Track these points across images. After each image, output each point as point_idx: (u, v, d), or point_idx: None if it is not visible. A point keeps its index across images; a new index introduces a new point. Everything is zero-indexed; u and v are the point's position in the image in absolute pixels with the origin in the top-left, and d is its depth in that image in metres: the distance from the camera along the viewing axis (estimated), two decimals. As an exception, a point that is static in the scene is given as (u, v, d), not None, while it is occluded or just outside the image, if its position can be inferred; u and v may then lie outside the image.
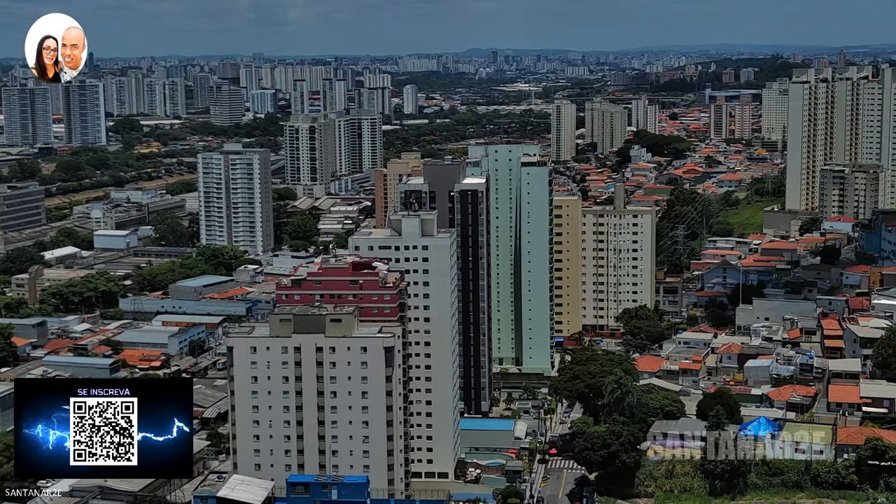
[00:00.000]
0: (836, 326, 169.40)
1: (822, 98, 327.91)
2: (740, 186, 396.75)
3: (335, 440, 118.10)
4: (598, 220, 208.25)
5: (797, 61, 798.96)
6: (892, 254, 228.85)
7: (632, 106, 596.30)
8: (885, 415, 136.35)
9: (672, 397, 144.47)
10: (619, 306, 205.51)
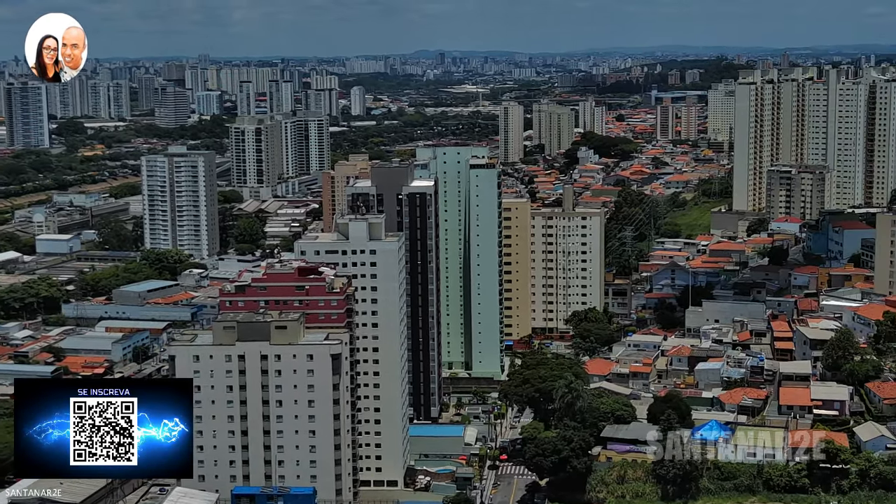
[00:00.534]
0: (786, 328, 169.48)
1: (769, 99, 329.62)
2: (687, 187, 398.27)
3: (281, 450, 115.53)
4: (547, 222, 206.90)
5: (742, 63, 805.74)
6: (840, 254, 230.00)
7: (579, 107, 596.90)
8: (835, 417, 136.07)
9: (623, 401, 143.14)
10: (568, 309, 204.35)
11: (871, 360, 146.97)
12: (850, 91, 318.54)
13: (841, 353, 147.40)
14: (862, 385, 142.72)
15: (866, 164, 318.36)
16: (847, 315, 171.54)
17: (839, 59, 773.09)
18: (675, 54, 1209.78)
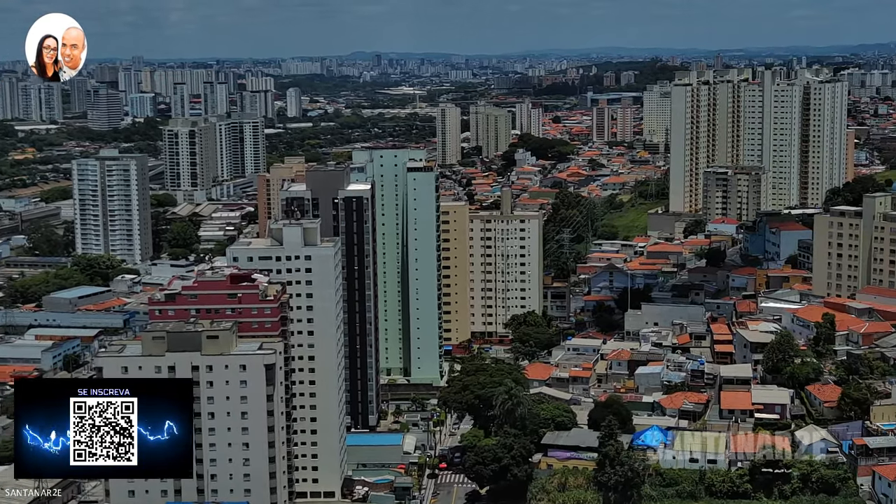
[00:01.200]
0: (725, 331, 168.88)
1: (704, 100, 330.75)
2: (624, 189, 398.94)
3: (214, 464, 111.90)
4: (486, 225, 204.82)
5: (676, 64, 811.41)
6: (777, 255, 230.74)
7: (515, 109, 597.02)
8: (776, 420, 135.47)
9: (563, 407, 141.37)
10: (507, 313, 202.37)
11: (811, 362, 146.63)
12: (784, 92, 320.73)
13: (781, 356, 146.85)
14: (802, 388, 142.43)
15: (801, 165, 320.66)
16: (786, 317, 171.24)
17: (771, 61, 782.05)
18: (609, 56, 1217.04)
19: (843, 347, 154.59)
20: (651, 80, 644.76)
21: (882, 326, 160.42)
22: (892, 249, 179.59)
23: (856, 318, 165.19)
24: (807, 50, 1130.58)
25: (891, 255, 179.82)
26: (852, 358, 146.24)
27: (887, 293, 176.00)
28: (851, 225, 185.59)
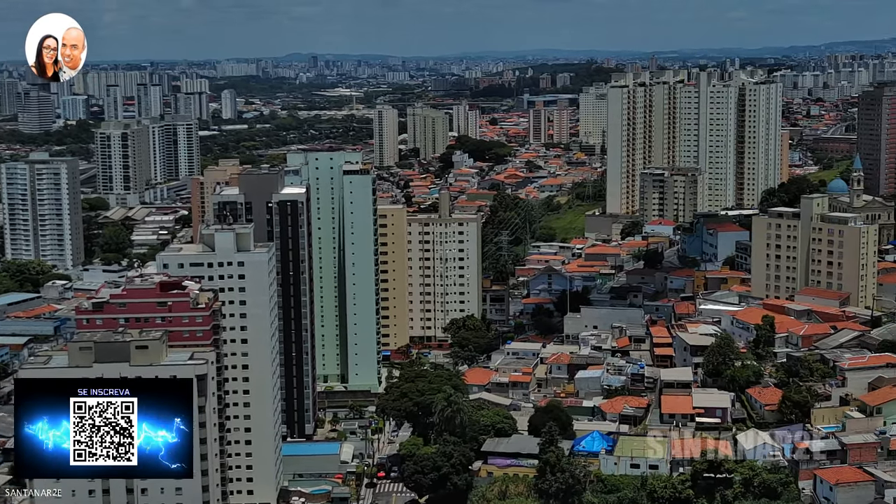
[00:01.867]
0: (665, 334, 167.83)
1: (641, 102, 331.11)
2: (561, 191, 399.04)
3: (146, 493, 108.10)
4: (424, 228, 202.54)
5: (611, 66, 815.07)
6: (714, 257, 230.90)
7: (453, 111, 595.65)
8: (718, 424, 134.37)
9: (503, 413, 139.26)
10: (446, 317, 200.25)
11: (751, 365, 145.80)
12: (720, 94, 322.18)
13: (721, 359, 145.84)
14: (743, 391, 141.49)
15: (737, 166, 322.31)
16: (725, 319, 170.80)
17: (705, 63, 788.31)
18: (545, 58, 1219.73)
19: (782, 350, 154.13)
20: (586, 81, 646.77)
21: (821, 328, 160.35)
22: (830, 251, 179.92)
23: (795, 320, 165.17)
24: (740, 51, 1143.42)
25: (828, 256, 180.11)
26: (792, 360, 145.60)
27: (825, 294, 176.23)
28: (789, 226, 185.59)
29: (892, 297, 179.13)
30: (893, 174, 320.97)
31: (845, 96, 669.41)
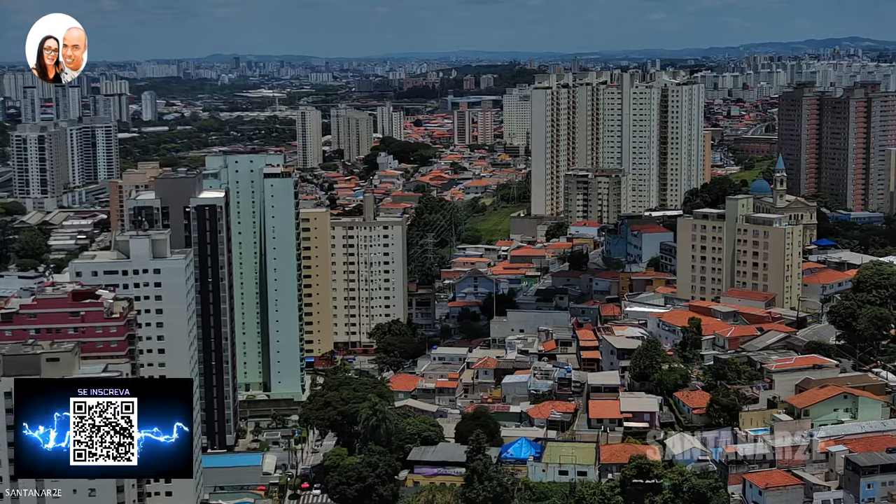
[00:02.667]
0: (591, 337, 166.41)
1: (564, 103, 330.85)
2: (486, 192, 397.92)
3: (57, 497, 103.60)
4: (348, 232, 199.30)
5: (534, 67, 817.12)
6: (639, 258, 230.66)
7: (377, 112, 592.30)
8: (646, 429, 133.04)
9: (429, 421, 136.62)
10: (371, 322, 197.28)
11: (678, 368, 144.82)
12: (643, 95, 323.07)
13: (648, 363, 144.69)
14: (671, 394, 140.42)
15: (660, 167, 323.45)
16: (652, 321, 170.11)
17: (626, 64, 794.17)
18: (469, 59, 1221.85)
19: (709, 352, 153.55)
20: (510, 83, 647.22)
21: (747, 330, 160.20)
22: (755, 252, 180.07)
23: (721, 322, 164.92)
24: (660, 53, 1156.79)
25: (753, 257, 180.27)
26: (719, 363, 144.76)
27: (751, 296, 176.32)
28: (714, 228, 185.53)
29: (816, 297, 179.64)
30: (814, 174, 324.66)
31: (764, 97, 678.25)
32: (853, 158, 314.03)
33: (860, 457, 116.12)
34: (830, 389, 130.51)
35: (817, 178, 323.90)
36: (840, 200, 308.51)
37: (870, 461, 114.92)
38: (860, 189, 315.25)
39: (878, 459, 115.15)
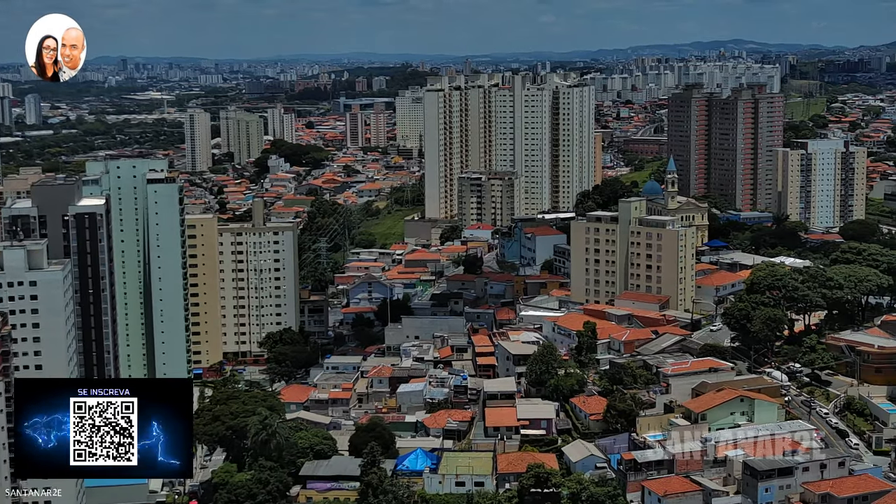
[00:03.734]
0: (487, 343, 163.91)
1: (456, 106, 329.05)
2: (380, 196, 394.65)
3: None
4: (237, 238, 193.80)
5: (426, 70, 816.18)
6: (533, 261, 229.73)
7: (268, 115, 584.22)
8: (543, 436, 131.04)
9: (323, 434, 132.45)
10: (262, 330, 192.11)
11: (574, 373, 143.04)
12: (534, 97, 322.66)
13: (544, 368, 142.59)
14: (567, 400, 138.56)
15: (552, 169, 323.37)
16: (547, 326, 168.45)
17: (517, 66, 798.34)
18: (361, 61, 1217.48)
19: (605, 356, 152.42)
20: (402, 85, 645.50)
21: (642, 333, 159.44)
22: (649, 254, 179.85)
23: (616, 325, 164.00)
24: (550, 55, 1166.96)
25: (647, 259, 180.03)
26: (615, 367, 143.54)
27: (645, 298, 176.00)
28: (608, 230, 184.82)
29: (710, 299, 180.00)
30: (704, 175, 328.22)
31: (653, 98, 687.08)
32: (741, 159, 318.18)
33: (757, 461, 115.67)
34: (727, 393, 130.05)
35: (707, 179, 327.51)
36: (729, 201, 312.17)
37: (767, 465, 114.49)
38: (749, 189, 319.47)
39: (775, 463, 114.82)
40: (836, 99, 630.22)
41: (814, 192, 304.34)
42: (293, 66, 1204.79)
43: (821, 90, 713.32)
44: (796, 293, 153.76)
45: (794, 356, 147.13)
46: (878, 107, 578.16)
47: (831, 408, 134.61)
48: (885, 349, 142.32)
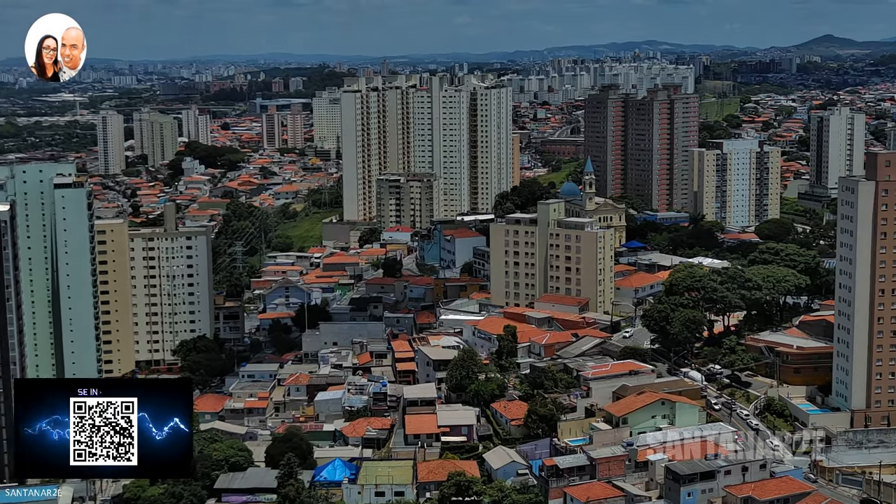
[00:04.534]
0: (407, 348, 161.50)
1: (374, 107, 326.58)
2: (297, 198, 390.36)
3: None
4: (149, 244, 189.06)
5: (343, 70, 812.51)
6: (452, 263, 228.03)
7: (182, 116, 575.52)
8: (464, 443, 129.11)
9: (238, 445, 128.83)
10: (175, 338, 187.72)
11: (495, 378, 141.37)
12: (452, 98, 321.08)
13: (465, 373, 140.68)
14: (488, 406, 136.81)
15: (471, 171, 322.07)
16: (467, 330, 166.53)
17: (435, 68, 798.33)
18: (278, 62, 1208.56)
19: (525, 360, 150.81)
20: (319, 86, 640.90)
21: (562, 336, 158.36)
22: (568, 256, 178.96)
23: (536, 329, 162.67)
24: (468, 56, 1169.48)
25: (566, 262, 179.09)
26: (536, 371, 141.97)
27: (565, 301, 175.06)
28: (527, 233, 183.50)
29: (629, 300, 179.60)
30: (620, 175, 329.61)
31: (569, 99, 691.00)
32: (658, 159, 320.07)
33: (679, 465, 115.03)
34: (647, 396, 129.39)
35: (623, 180, 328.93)
36: (646, 201, 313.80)
37: (689, 469, 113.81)
38: (665, 189, 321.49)
39: (698, 467, 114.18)
40: (749, 99, 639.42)
41: (729, 191, 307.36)
42: (209, 66, 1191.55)
43: (734, 90, 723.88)
44: (715, 294, 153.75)
45: (714, 358, 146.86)
46: (790, 107, 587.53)
47: (752, 409, 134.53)
48: (803, 349, 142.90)
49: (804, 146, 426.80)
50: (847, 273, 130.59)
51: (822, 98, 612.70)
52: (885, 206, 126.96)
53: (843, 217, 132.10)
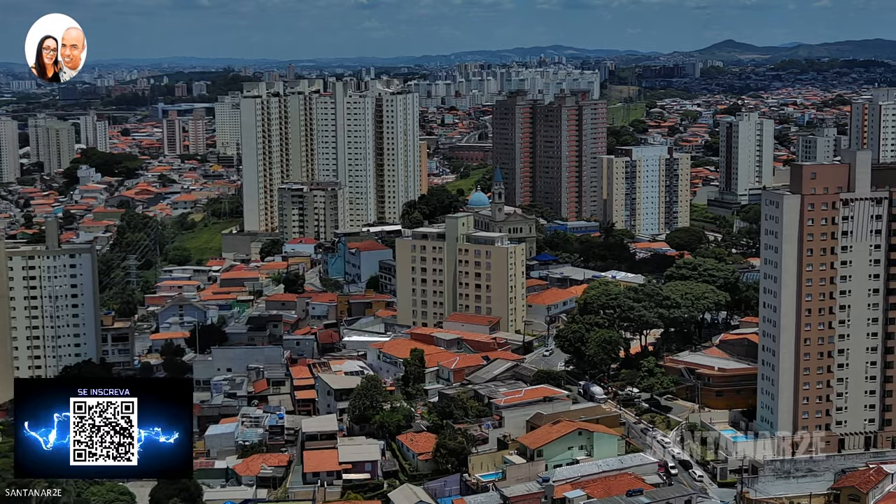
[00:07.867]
0: (307, 374, 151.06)
1: (276, 113, 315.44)
2: (196, 207, 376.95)
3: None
4: (29, 262, 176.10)
5: (249, 75, 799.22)
6: (357, 277, 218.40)
7: (80, 122, 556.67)
8: (367, 481, 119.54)
9: (119, 489, 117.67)
10: (59, 363, 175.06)
11: (401, 407, 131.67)
12: (357, 104, 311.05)
13: (369, 403, 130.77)
14: (394, 438, 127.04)
15: (377, 179, 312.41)
16: (372, 353, 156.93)
17: (341, 72, 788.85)
18: (181, 66, 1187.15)
19: (434, 386, 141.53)
20: (223, 90, 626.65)
21: (472, 359, 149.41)
22: (477, 273, 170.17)
23: (445, 351, 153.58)
24: (374, 61, 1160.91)
25: (476, 278, 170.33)
26: (445, 399, 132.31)
27: (475, 320, 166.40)
28: (434, 248, 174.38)
29: (541, 318, 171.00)
30: (529, 183, 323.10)
31: (477, 104, 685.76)
32: (567, 167, 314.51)
33: (598, 502, 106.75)
34: (564, 426, 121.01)
35: (532, 188, 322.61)
36: (555, 209, 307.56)
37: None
38: (574, 197, 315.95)
39: None
40: (655, 104, 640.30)
41: (639, 199, 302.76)
42: (112, 71, 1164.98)
43: (640, 95, 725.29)
44: (632, 313, 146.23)
45: (632, 380, 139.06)
46: (695, 111, 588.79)
47: (673, 437, 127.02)
48: (725, 371, 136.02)
49: (711, 151, 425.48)
50: (771, 291, 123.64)
51: (727, 102, 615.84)
52: (812, 220, 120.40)
53: (767, 232, 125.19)
